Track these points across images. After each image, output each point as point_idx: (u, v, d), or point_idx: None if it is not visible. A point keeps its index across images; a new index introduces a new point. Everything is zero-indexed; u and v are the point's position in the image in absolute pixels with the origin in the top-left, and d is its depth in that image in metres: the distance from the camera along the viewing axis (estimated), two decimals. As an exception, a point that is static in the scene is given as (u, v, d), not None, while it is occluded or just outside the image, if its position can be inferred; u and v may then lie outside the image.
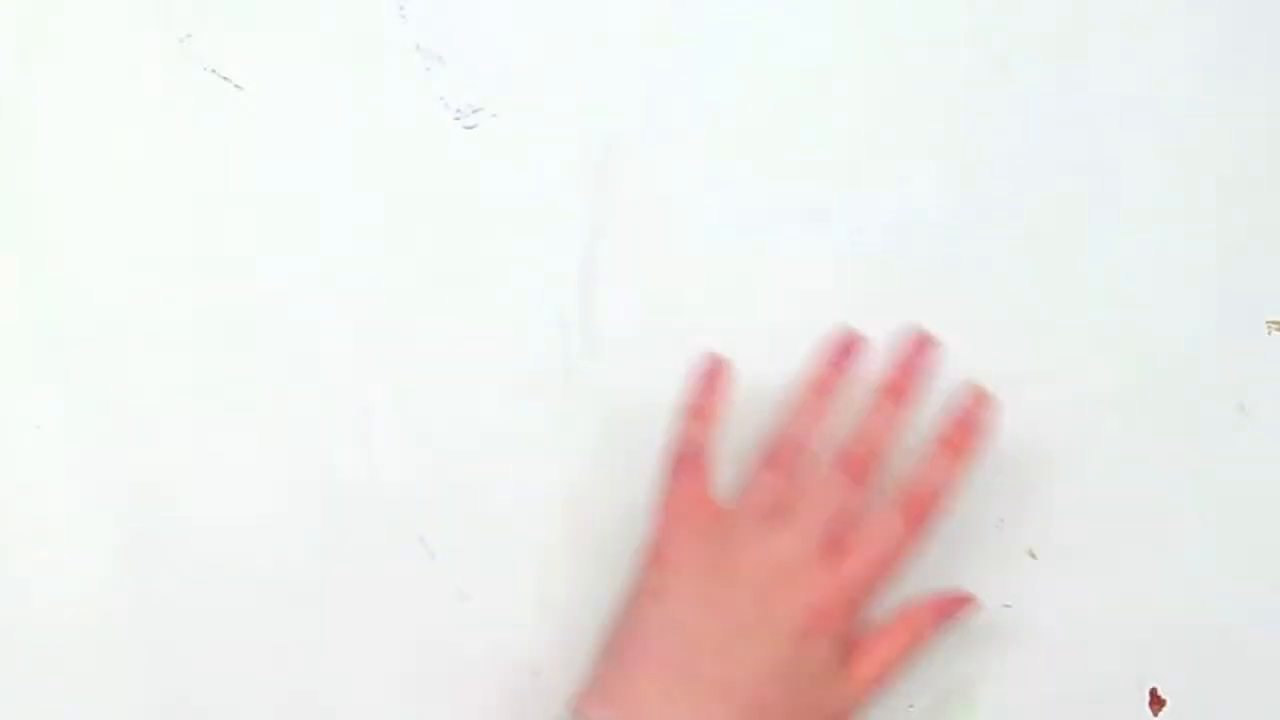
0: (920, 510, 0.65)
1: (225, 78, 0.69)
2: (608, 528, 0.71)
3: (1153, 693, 0.71)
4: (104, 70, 0.69)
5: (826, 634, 0.63)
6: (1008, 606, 0.71)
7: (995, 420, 0.66)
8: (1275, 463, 0.72)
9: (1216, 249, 0.72)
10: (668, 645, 0.62)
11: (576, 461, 0.71)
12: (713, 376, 0.67)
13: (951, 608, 0.67)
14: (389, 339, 0.71)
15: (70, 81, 0.69)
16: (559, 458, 0.71)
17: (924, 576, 0.71)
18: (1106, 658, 0.71)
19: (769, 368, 0.71)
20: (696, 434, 0.66)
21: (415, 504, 0.70)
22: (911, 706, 0.71)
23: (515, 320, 0.71)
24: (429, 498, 0.71)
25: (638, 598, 0.64)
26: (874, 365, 0.67)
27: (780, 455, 0.66)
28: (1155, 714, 0.71)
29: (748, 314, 0.72)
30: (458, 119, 0.70)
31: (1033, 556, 0.72)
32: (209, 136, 0.69)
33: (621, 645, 0.63)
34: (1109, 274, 0.72)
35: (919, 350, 0.66)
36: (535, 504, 0.71)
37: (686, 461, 0.66)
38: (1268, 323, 0.72)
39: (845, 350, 0.67)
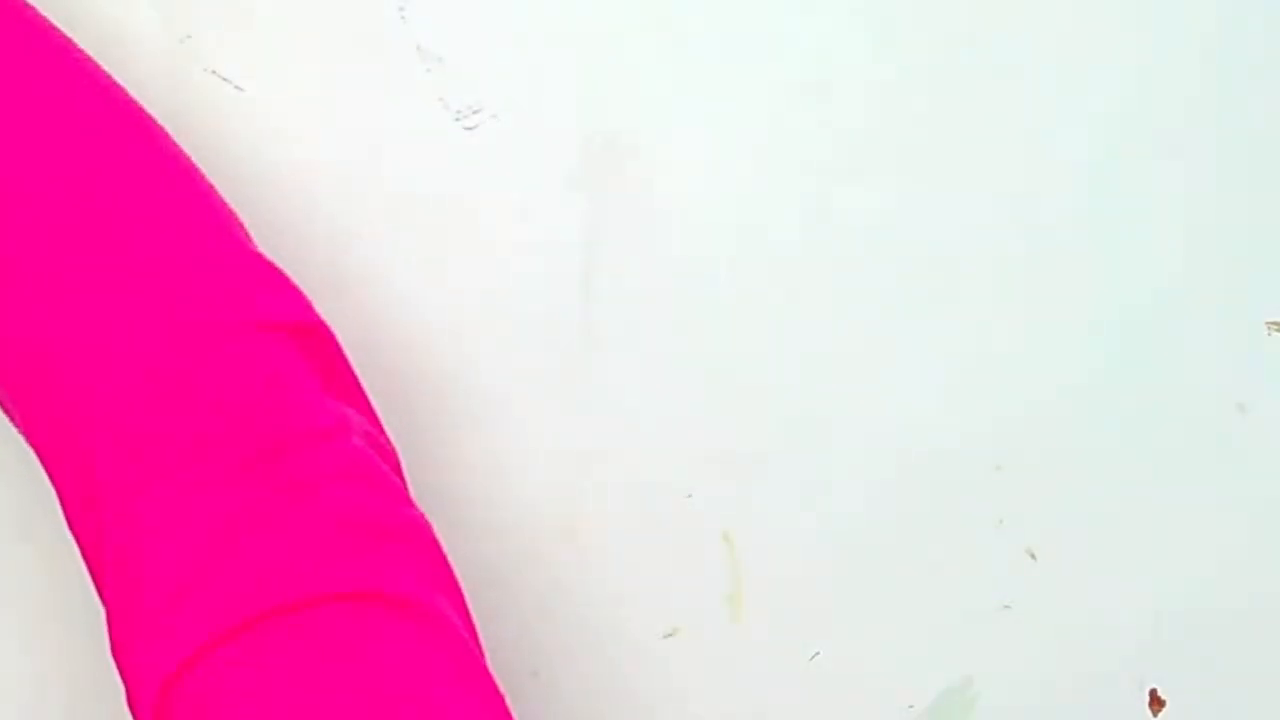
0: None
1: (225, 78, 0.69)
2: (608, 527, 0.71)
3: (1152, 693, 0.71)
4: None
5: None
6: (1007, 607, 0.71)
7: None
8: (1275, 463, 0.72)
9: (1216, 249, 0.72)
10: None
11: (576, 461, 0.71)
12: None
13: None
14: (388, 339, 0.71)
15: (70, 81, 0.69)
16: (559, 457, 0.71)
17: (924, 577, 0.72)
18: (1106, 658, 0.71)
19: (769, 367, 0.71)
20: None
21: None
22: (911, 706, 0.71)
23: (515, 320, 0.70)
24: (428, 498, 0.70)
25: None
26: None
27: None
28: (1155, 714, 0.71)
29: (748, 314, 0.72)
30: (458, 119, 0.70)
31: (1032, 556, 0.72)
32: (209, 136, 0.69)
33: None
34: (1109, 274, 0.72)
35: None
36: (535, 504, 0.71)
37: None
38: (1268, 323, 0.72)
39: None
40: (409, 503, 0.57)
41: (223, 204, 0.60)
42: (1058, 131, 0.71)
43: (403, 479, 0.59)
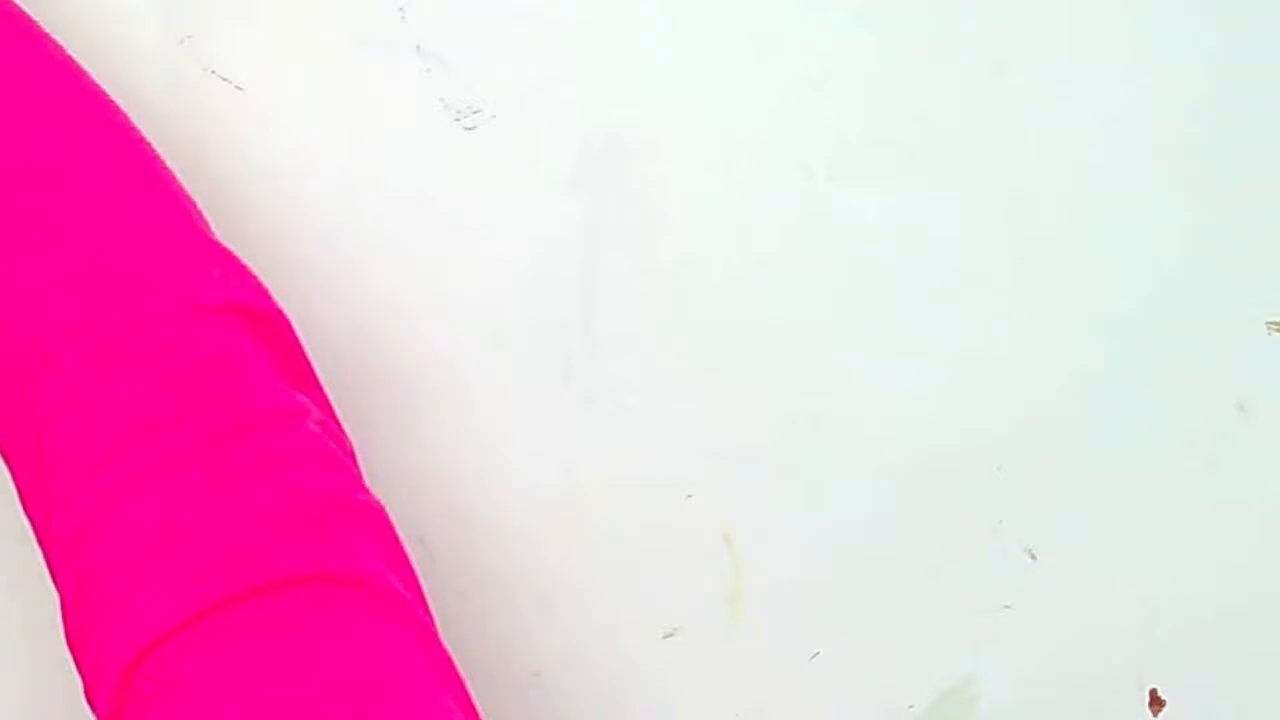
0: None
1: (225, 78, 0.68)
2: (608, 527, 0.71)
3: (1153, 693, 0.71)
4: (104, 70, 0.69)
5: None
6: (1008, 607, 0.71)
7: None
8: (1275, 463, 0.72)
9: (1216, 249, 0.72)
10: None
11: (577, 462, 0.71)
12: None
13: None
14: (388, 339, 0.71)
15: (70, 81, 0.69)
16: (559, 458, 0.71)
17: (923, 577, 0.72)
18: (1106, 658, 0.71)
19: (769, 367, 0.71)
20: None
21: (415, 504, 0.70)
22: (911, 706, 0.71)
23: (515, 321, 0.70)
24: (429, 498, 0.71)
25: None
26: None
27: None
28: (1155, 714, 0.71)
29: (748, 314, 0.72)
30: (458, 119, 0.70)
31: (1032, 556, 0.72)
32: (209, 137, 0.69)
33: None
34: (1109, 274, 0.72)
35: None
36: (535, 504, 0.71)
37: None
38: (1268, 323, 0.72)
39: None
40: (363, 488, 0.57)
41: (179, 188, 0.59)
42: (1058, 131, 0.71)
43: (357, 466, 0.59)
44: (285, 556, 0.52)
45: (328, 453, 0.56)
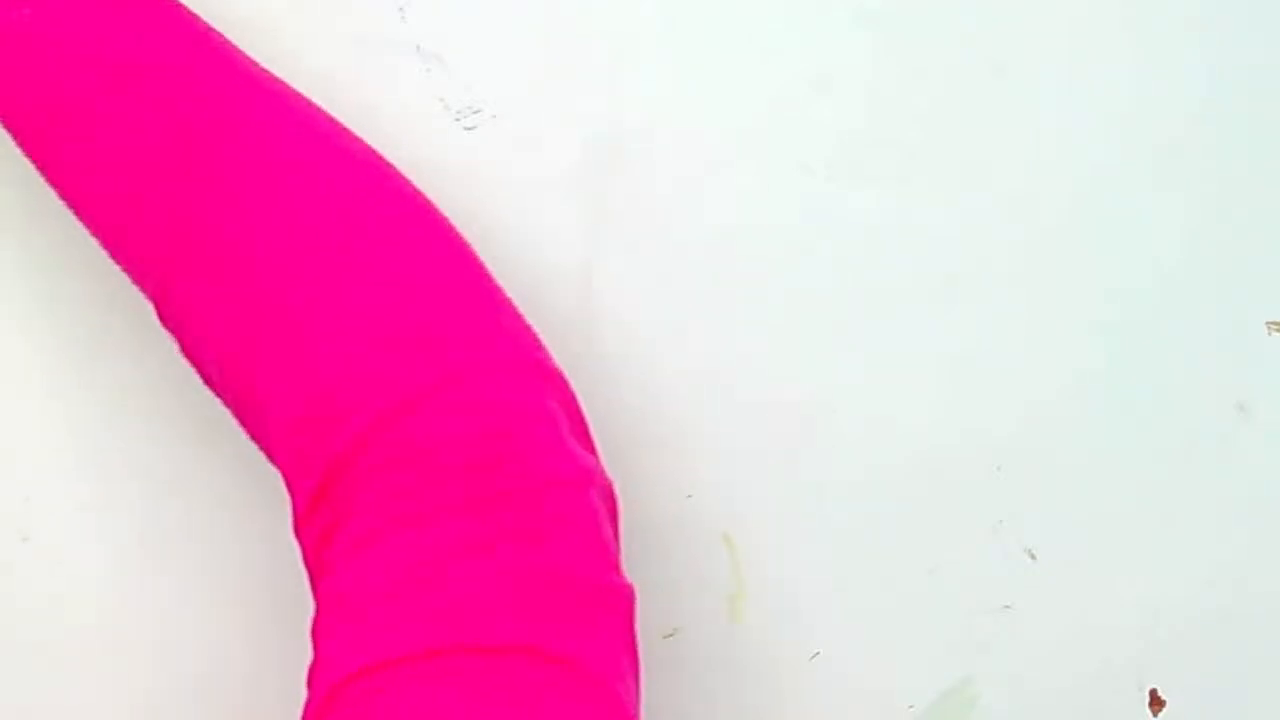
0: None
1: (225, 78, 0.68)
2: (608, 528, 0.71)
3: (1153, 693, 0.71)
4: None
5: None
6: (1008, 607, 0.71)
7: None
8: (1275, 463, 0.72)
9: (1216, 249, 0.72)
10: None
11: (577, 462, 0.71)
12: None
13: None
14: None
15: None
16: (559, 458, 0.71)
17: (922, 578, 0.72)
18: (1106, 658, 0.71)
19: (769, 367, 0.71)
20: None
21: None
22: (912, 707, 0.71)
23: (515, 320, 0.70)
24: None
25: None
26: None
27: None
28: (1155, 714, 0.71)
29: (748, 314, 0.72)
30: (458, 119, 0.70)
31: (1032, 556, 0.72)
32: (209, 136, 0.69)
33: None
34: (1109, 274, 0.72)
35: None
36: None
37: None
38: (1268, 323, 0.72)
39: None
40: (616, 568, 0.58)
41: (471, 251, 0.62)
42: (1058, 131, 0.71)
43: (617, 530, 0.60)
44: (517, 623, 0.53)
45: (595, 526, 0.57)
